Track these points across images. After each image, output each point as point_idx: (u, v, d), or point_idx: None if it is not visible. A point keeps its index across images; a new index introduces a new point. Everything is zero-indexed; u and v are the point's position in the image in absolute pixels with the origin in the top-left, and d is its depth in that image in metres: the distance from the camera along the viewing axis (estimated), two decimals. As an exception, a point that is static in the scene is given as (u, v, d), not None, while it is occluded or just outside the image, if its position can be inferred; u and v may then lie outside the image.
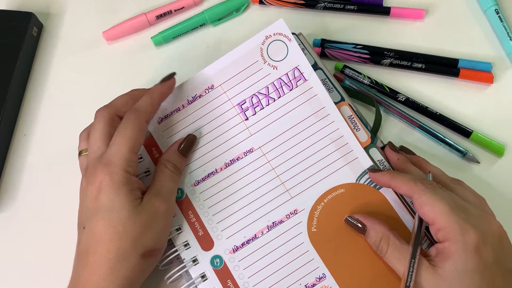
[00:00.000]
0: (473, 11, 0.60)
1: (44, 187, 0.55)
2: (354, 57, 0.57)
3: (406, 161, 0.48)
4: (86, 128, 0.48)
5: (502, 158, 0.53)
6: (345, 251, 0.46)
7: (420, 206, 0.41)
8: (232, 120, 0.51)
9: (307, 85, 0.51)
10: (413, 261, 0.40)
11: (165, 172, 0.46)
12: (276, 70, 0.51)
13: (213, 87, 0.52)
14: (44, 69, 0.60)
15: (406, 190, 0.43)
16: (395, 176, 0.45)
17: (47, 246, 0.53)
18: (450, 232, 0.39)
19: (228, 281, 0.46)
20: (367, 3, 0.60)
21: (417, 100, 0.55)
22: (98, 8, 0.63)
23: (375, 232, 0.44)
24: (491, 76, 0.56)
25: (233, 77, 0.51)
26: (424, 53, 0.57)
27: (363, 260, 0.46)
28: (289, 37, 0.51)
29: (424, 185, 0.42)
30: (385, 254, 0.43)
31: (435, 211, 0.40)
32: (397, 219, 0.47)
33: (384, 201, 0.48)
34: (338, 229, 0.47)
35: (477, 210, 0.42)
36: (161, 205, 0.44)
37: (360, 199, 0.48)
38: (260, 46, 0.52)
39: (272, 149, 0.50)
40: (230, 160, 0.50)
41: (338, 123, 0.50)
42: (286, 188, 0.49)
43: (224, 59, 0.52)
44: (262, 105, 0.51)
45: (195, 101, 0.52)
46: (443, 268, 0.39)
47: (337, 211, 0.48)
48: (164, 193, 0.45)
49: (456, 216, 0.39)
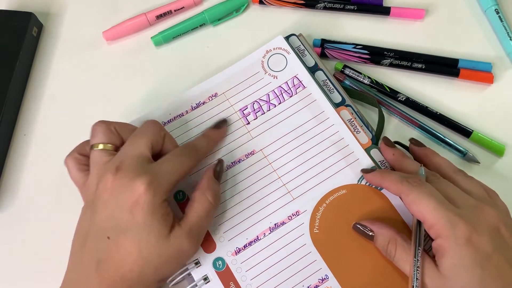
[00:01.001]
0: (473, 11, 0.60)
1: (44, 187, 0.55)
2: (354, 57, 0.57)
3: (402, 155, 0.48)
4: (105, 122, 0.45)
5: (502, 158, 0.53)
6: (347, 252, 0.46)
7: (409, 205, 0.41)
8: (233, 124, 0.52)
9: (306, 92, 0.52)
10: (415, 260, 0.40)
11: (204, 203, 0.44)
12: (276, 79, 0.53)
13: (216, 95, 0.53)
14: (44, 69, 0.60)
15: (394, 190, 0.44)
16: (384, 176, 0.45)
17: (47, 246, 0.52)
18: (440, 228, 0.39)
19: (230, 283, 0.46)
20: (367, 3, 0.60)
21: (417, 100, 0.55)
22: (98, 8, 0.63)
23: (382, 236, 0.44)
24: (491, 76, 0.56)
25: (235, 86, 0.53)
26: (424, 53, 0.57)
27: (365, 260, 0.46)
28: (288, 51, 0.54)
29: (410, 183, 0.42)
30: (394, 257, 0.43)
31: (422, 208, 0.40)
32: (399, 219, 0.47)
33: (385, 201, 0.48)
34: (340, 230, 0.47)
35: (474, 201, 0.41)
36: (189, 249, 0.42)
37: (362, 200, 0.48)
38: (261, 60, 0.54)
39: (274, 151, 0.50)
40: (231, 163, 0.50)
41: (337, 126, 0.51)
42: (288, 189, 0.49)
43: (227, 71, 0.54)
44: (263, 110, 0.52)
45: (198, 107, 0.53)
46: (442, 266, 0.39)
47: (339, 212, 0.48)
48: (197, 234, 0.43)
49: (445, 210, 0.39)
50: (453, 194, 0.42)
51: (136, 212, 0.39)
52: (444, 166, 0.47)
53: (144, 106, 0.57)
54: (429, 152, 0.49)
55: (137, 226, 0.39)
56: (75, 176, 0.45)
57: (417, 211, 0.40)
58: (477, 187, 0.44)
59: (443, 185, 0.43)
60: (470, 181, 0.45)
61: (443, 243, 0.39)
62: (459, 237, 0.38)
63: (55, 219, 0.53)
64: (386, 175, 0.45)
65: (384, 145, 0.49)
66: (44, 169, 0.55)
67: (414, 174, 0.45)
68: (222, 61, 0.58)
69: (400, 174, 0.45)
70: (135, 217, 0.39)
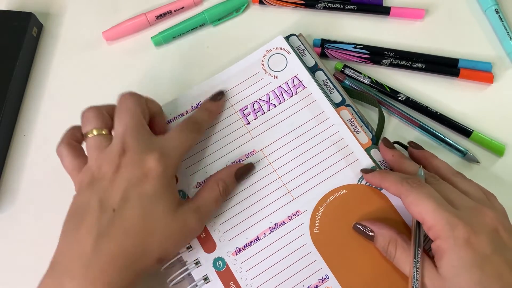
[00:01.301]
0: (473, 11, 0.60)
1: (44, 187, 0.55)
2: (354, 57, 0.57)
3: (401, 157, 0.48)
4: (95, 107, 0.45)
5: (503, 158, 0.54)
6: (347, 252, 0.46)
7: (408, 206, 0.41)
8: (233, 125, 0.52)
9: (306, 92, 0.52)
10: (415, 261, 0.40)
11: (214, 191, 0.45)
12: (276, 79, 0.53)
13: None
14: (44, 69, 0.60)
15: (394, 190, 0.44)
16: (384, 176, 0.45)
17: (47, 246, 0.52)
18: (439, 229, 0.39)
19: (231, 283, 0.46)
20: (367, 3, 0.60)
21: (417, 100, 0.55)
22: (98, 8, 0.63)
23: (382, 237, 0.44)
24: (491, 76, 0.56)
25: (235, 86, 0.53)
26: (424, 53, 0.57)
27: (366, 260, 0.46)
28: (288, 51, 0.54)
29: (410, 184, 0.42)
30: (394, 258, 0.43)
31: (421, 210, 0.40)
32: (399, 219, 0.47)
33: (386, 202, 0.48)
34: (341, 230, 0.47)
35: (472, 202, 0.42)
36: (195, 226, 0.43)
37: (362, 199, 0.48)
38: (261, 60, 0.54)
39: (274, 151, 0.50)
40: (231, 163, 0.50)
41: (338, 126, 0.51)
42: (288, 189, 0.49)
43: (227, 71, 0.54)
44: (263, 111, 0.52)
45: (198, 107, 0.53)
46: (441, 267, 0.39)
47: (339, 212, 0.48)
48: (204, 213, 0.44)
49: (444, 212, 0.39)
50: (452, 195, 0.42)
51: (146, 184, 0.40)
52: (443, 168, 0.47)
53: (144, 106, 0.57)
54: (428, 155, 0.49)
55: (146, 197, 0.40)
56: (70, 163, 0.44)
57: (417, 212, 0.40)
58: (475, 189, 0.44)
59: (442, 186, 0.43)
60: (468, 183, 0.45)
61: (442, 244, 0.39)
62: (458, 239, 0.38)
63: (55, 219, 0.53)
64: (385, 176, 0.45)
65: (384, 146, 0.49)
66: (44, 169, 0.55)
67: (413, 175, 0.45)
68: (222, 61, 0.59)
69: (400, 174, 0.45)
70: (145, 188, 0.40)
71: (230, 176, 0.47)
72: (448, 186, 0.43)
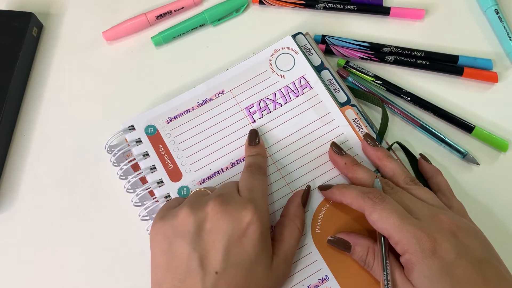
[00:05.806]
0: (473, 11, 0.60)
1: (44, 187, 0.55)
2: (359, 52, 0.57)
3: (354, 164, 0.47)
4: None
5: (506, 154, 0.53)
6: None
7: (373, 223, 0.41)
8: (239, 122, 0.52)
9: (313, 92, 0.52)
10: (385, 274, 0.41)
11: (294, 231, 0.45)
12: (284, 78, 0.53)
13: (223, 92, 0.53)
14: (44, 69, 0.60)
15: (356, 206, 0.43)
16: (343, 192, 0.45)
17: (47, 246, 0.52)
18: (406, 244, 0.39)
19: None
20: (367, 3, 0.60)
21: (421, 96, 0.55)
22: (98, 8, 0.63)
23: (361, 247, 0.44)
24: (495, 75, 0.56)
25: (242, 83, 0.53)
26: (424, 50, 0.57)
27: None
28: (296, 51, 0.54)
29: (372, 199, 0.41)
30: (372, 267, 0.43)
31: (387, 226, 0.40)
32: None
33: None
34: (342, 231, 0.47)
35: (429, 210, 0.42)
36: (286, 275, 0.44)
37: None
38: (269, 58, 0.54)
39: (278, 150, 0.51)
40: (236, 160, 0.50)
41: (343, 128, 0.51)
42: (291, 189, 0.49)
43: (235, 69, 0.54)
44: (269, 109, 0.52)
45: (205, 104, 0.53)
46: (414, 279, 0.39)
47: (341, 213, 0.48)
48: (290, 257, 0.44)
49: (408, 226, 0.39)
50: (411, 204, 0.42)
51: (246, 242, 0.40)
52: (398, 174, 0.46)
53: (143, 106, 0.57)
54: (382, 155, 0.48)
55: (248, 258, 0.39)
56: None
57: (382, 228, 0.41)
58: (429, 193, 0.44)
59: (399, 195, 0.43)
60: (421, 190, 0.45)
61: (411, 258, 0.39)
62: (425, 250, 0.38)
63: (55, 219, 0.53)
64: (344, 191, 0.45)
65: (333, 153, 0.49)
66: (44, 169, 0.55)
67: (370, 186, 0.45)
68: (222, 61, 0.59)
69: (359, 188, 0.44)
70: (245, 247, 0.39)
71: (299, 208, 0.47)
72: (404, 193, 0.44)
